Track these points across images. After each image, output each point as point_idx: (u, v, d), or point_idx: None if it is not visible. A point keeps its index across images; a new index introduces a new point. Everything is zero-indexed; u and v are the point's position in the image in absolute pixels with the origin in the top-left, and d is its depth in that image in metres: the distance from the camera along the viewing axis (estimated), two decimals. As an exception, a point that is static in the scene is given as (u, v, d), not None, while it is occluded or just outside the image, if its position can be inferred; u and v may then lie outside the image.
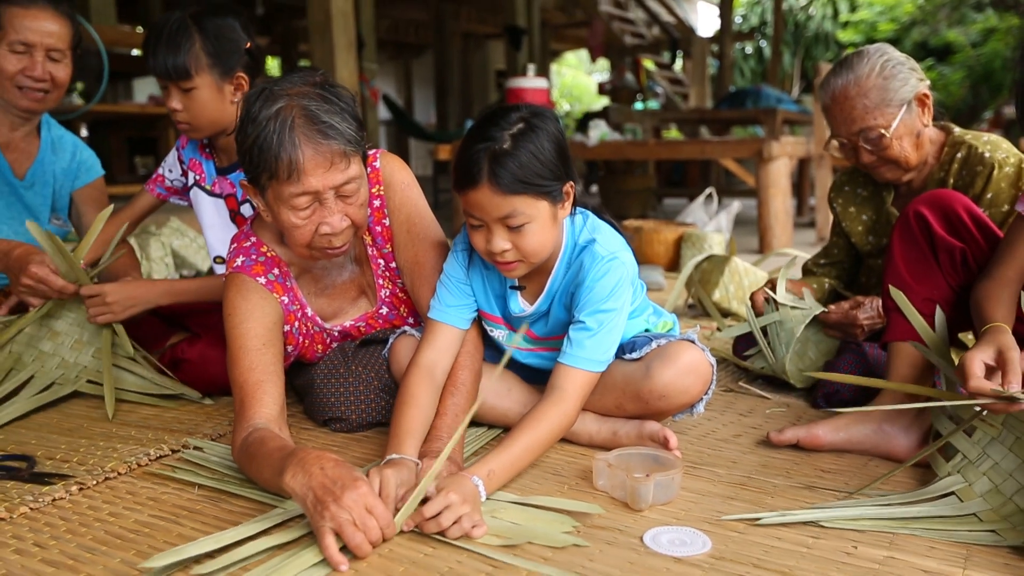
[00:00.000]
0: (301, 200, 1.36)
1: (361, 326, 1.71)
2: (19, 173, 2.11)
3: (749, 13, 17.90)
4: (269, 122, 1.32)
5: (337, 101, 1.37)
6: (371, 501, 1.12)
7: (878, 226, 1.91)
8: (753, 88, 9.00)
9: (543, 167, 1.31)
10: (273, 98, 1.34)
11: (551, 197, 1.35)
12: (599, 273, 1.40)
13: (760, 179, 4.50)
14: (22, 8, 1.93)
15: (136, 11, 8.69)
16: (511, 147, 1.30)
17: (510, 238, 1.34)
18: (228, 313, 1.49)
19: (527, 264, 1.39)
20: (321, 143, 1.33)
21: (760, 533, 1.19)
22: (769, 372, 1.91)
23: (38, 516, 1.30)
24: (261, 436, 1.30)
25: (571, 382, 1.39)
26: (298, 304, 1.61)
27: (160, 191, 2.11)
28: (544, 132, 1.32)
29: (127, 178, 6.32)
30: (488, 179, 1.29)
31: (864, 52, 1.72)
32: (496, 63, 14.27)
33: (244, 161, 1.38)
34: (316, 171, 1.34)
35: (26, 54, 1.95)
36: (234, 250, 1.57)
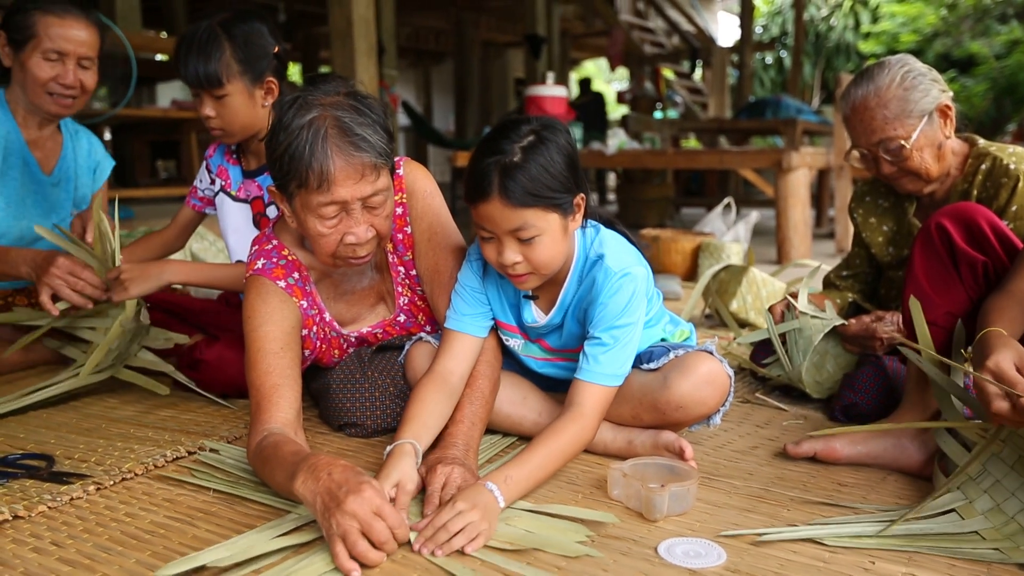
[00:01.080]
0: (329, 210, 1.37)
1: (378, 332, 1.72)
2: (46, 170, 2.17)
3: (770, 23, 17.84)
4: (302, 131, 1.33)
5: (369, 113, 1.38)
6: (378, 503, 1.11)
7: (899, 237, 1.89)
8: (773, 98, 8.97)
9: (553, 180, 1.31)
10: (306, 107, 1.35)
11: (562, 209, 1.35)
12: (612, 289, 1.40)
13: (779, 189, 4.48)
14: (56, 17, 1.99)
15: (161, 16, 8.80)
16: (521, 160, 1.30)
17: (521, 250, 1.35)
18: (247, 316, 1.50)
19: (539, 276, 1.40)
20: (353, 155, 1.33)
21: (776, 546, 1.18)
22: (785, 380, 1.90)
23: (56, 515, 1.31)
24: (275, 441, 1.30)
25: (588, 397, 1.38)
26: (317, 309, 1.62)
27: (195, 202, 2.15)
28: (554, 144, 1.32)
29: (149, 181, 6.39)
30: (498, 192, 1.29)
31: (885, 63, 1.71)
32: (515, 71, 14.31)
33: (274, 168, 1.39)
34: (346, 182, 1.34)
35: (58, 62, 2.01)
36: (255, 252, 1.58)
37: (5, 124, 2.08)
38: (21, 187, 2.12)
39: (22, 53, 2.00)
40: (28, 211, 2.14)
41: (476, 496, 1.19)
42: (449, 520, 1.16)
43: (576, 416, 1.37)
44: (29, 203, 2.14)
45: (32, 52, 1.99)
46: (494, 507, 1.20)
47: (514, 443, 1.61)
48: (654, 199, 6.82)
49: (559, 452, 1.33)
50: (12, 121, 2.10)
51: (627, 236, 1.52)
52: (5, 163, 2.08)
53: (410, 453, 1.31)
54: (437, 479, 1.29)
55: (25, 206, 2.14)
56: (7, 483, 1.42)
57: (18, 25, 1.99)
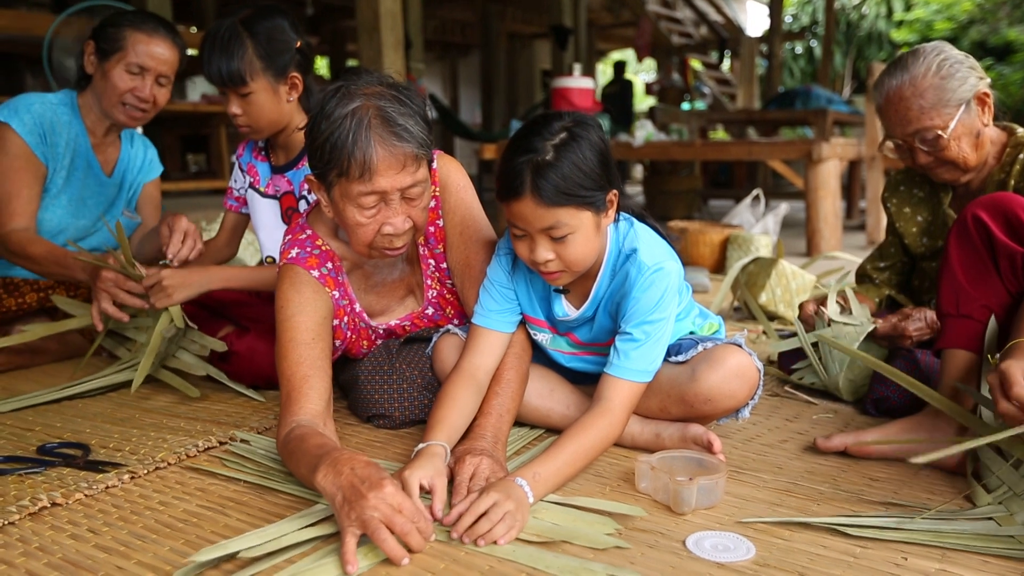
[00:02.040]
0: (368, 199, 1.37)
1: (406, 325, 1.72)
2: (107, 171, 2.27)
3: (800, 12, 17.61)
4: (344, 120, 1.33)
5: (410, 103, 1.38)
6: (398, 499, 1.11)
7: (934, 228, 1.86)
8: (803, 88, 8.85)
9: (586, 177, 1.30)
10: (349, 96, 1.35)
11: (594, 207, 1.34)
12: (645, 284, 1.39)
13: (809, 181, 4.43)
14: (145, 34, 2.09)
15: (191, 11, 8.89)
16: (553, 158, 1.29)
17: (553, 248, 1.34)
18: (280, 305, 1.51)
19: (571, 273, 1.39)
20: (395, 145, 1.34)
21: (806, 540, 1.17)
22: (820, 387, 1.88)
23: (92, 503, 1.34)
24: (303, 433, 1.31)
25: (617, 393, 1.38)
26: (348, 299, 1.63)
27: (232, 203, 2.18)
28: (587, 141, 1.31)
29: (179, 175, 6.47)
30: (531, 191, 1.29)
31: (920, 51, 1.67)
32: (542, 63, 14.27)
33: (314, 156, 1.40)
34: (387, 172, 1.35)
35: (139, 76, 2.10)
36: (289, 241, 1.59)
37: (75, 128, 2.18)
38: (83, 187, 2.21)
39: (107, 63, 2.08)
40: (88, 210, 2.24)
41: (508, 489, 1.20)
42: (489, 509, 1.16)
43: (604, 411, 1.36)
44: (90, 203, 2.24)
45: (116, 63, 2.07)
46: (525, 502, 1.20)
47: (541, 435, 1.61)
48: (681, 191, 6.77)
49: (587, 448, 1.33)
50: (82, 125, 2.19)
51: (658, 229, 1.51)
52: (72, 165, 2.17)
53: (439, 455, 1.31)
54: (465, 469, 1.29)
55: (86, 205, 2.23)
56: (45, 471, 1.46)
57: (109, 37, 2.08)
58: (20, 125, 2.06)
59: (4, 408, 1.81)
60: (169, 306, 1.86)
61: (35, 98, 2.13)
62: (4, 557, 1.15)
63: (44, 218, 2.15)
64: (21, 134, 2.06)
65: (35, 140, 2.08)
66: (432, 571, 1.09)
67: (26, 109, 2.09)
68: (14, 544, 1.19)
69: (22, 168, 2.06)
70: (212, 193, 5.92)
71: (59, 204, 2.17)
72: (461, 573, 1.08)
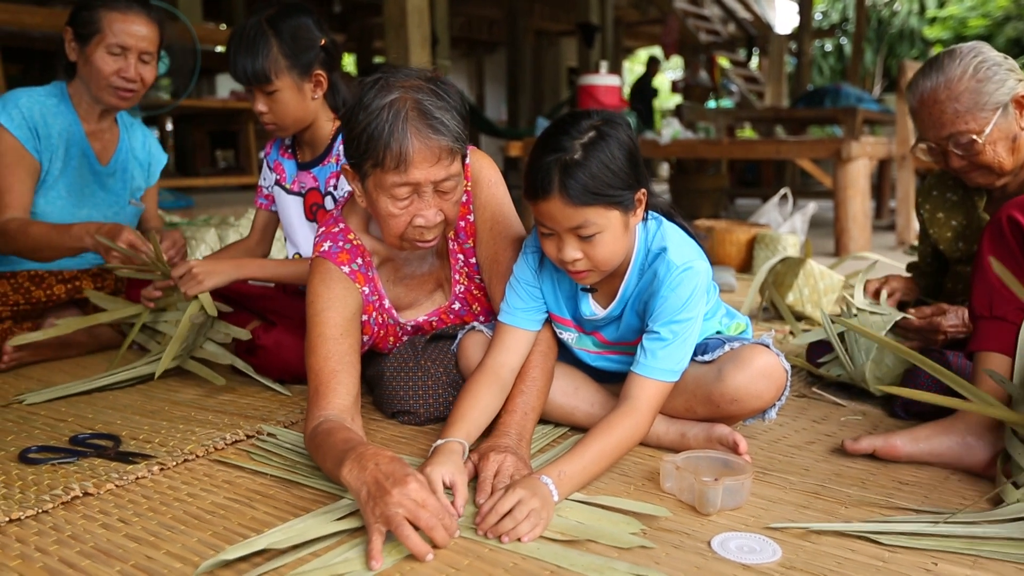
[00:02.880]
0: (402, 191, 1.38)
1: (433, 321, 1.73)
2: (103, 161, 2.26)
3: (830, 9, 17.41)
4: (382, 111, 1.34)
5: (448, 98, 1.39)
6: (422, 495, 1.11)
7: (968, 232, 1.83)
8: (832, 86, 8.75)
9: (614, 177, 1.30)
10: (388, 88, 1.37)
11: (622, 206, 1.33)
12: (673, 283, 1.38)
13: (838, 180, 4.37)
14: (120, 13, 2.08)
15: (220, 9, 8.98)
16: (582, 157, 1.28)
17: (581, 247, 1.34)
18: (310, 300, 1.53)
19: (599, 272, 1.39)
20: (431, 137, 1.35)
21: (833, 544, 1.16)
22: (847, 379, 1.86)
23: (123, 493, 1.36)
24: (329, 427, 1.32)
25: (644, 392, 1.37)
26: (377, 295, 1.64)
27: (262, 201, 2.20)
28: (615, 140, 1.31)
29: (208, 170, 6.54)
30: (559, 190, 1.29)
31: (956, 52, 1.64)
32: (568, 60, 14.24)
33: (350, 146, 1.41)
34: (422, 164, 1.36)
35: (121, 56, 2.10)
36: (322, 234, 1.60)
37: (67, 117, 2.18)
38: (79, 177, 2.22)
39: (87, 47, 2.09)
40: (87, 200, 2.24)
41: (533, 487, 1.20)
42: (514, 507, 1.16)
43: (630, 410, 1.36)
44: (88, 192, 2.24)
45: (96, 47, 2.08)
46: (550, 500, 1.20)
47: (565, 433, 1.61)
48: (708, 189, 6.72)
49: (613, 447, 1.33)
50: (74, 114, 2.20)
51: (686, 228, 1.50)
52: (67, 154, 2.18)
53: (457, 451, 1.31)
54: (490, 466, 1.30)
55: (84, 195, 2.23)
56: (77, 461, 1.48)
57: (84, 20, 2.08)
58: (9, 121, 2.08)
59: (37, 399, 1.84)
60: (199, 294, 1.88)
61: (23, 93, 2.14)
62: (39, 545, 1.17)
63: (45, 211, 2.15)
64: (11, 130, 2.07)
65: (25, 135, 2.09)
66: (456, 567, 1.09)
67: (14, 105, 2.10)
68: (48, 532, 1.21)
69: (14, 163, 2.08)
70: (240, 189, 5.98)
71: (57, 194, 2.17)
72: (485, 570, 1.09)
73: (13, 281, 2.18)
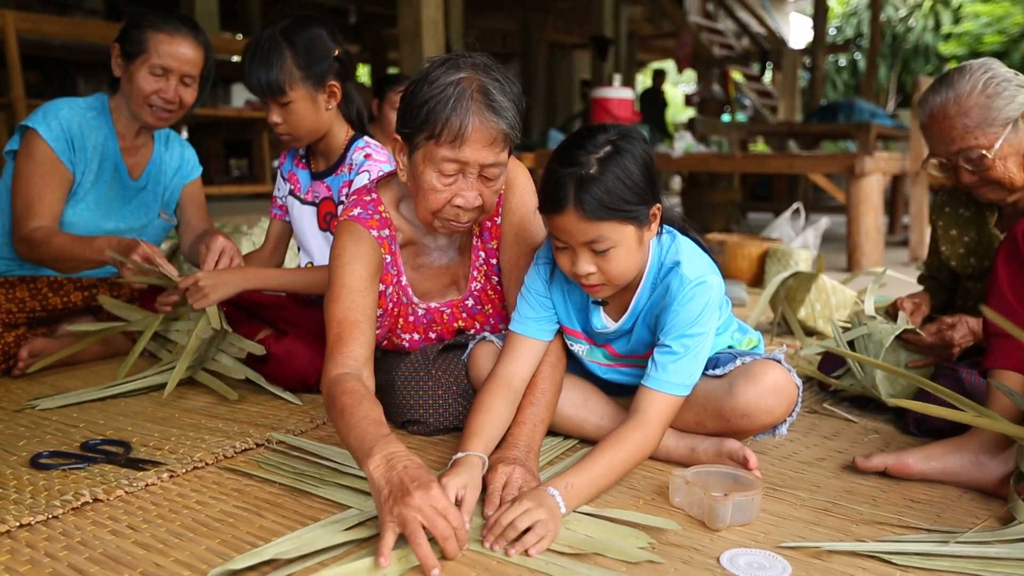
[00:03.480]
0: (450, 167, 1.40)
1: (445, 312, 1.72)
2: (135, 175, 2.28)
3: (844, 24, 17.39)
4: (448, 87, 1.37)
5: (511, 90, 1.42)
6: (443, 504, 1.11)
7: (980, 248, 1.82)
8: (846, 101, 8.73)
9: (630, 192, 1.30)
10: (457, 68, 1.40)
11: (637, 221, 1.33)
12: (686, 298, 1.38)
13: (851, 195, 4.36)
14: (167, 35, 2.09)
15: (236, 19, 9.06)
16: (597, 172, 1.29)
17: (595, 261, 1.34)
18: (336, 254, 1.54)
19: (612, 286, 1.39)
20: (489, 119, 1.38)
21: (843, 562, 1.15)
22: (859, 390, 1.84)
23: (132, 500, 1.36)
24: (356, 392, 1.29)
25: (654, 405, 1.37)
26: (396, 269, 1.65)
27: (276, 211, 2.21)
28: (631, 155, 1.31)
29: (223, 179, 6.59)
30: (574, 205, 1.29)
31: (966, 68, 1.64)
32: (581, 73, 14.28)
33: (408, 116, 1.43)
34: (476, 144, 1.38)
35: (163, 77, 2.11)
36: (353, 201, 1.61)
37: (104, 131, 2.20)
38: (110, 191, 2.23)
39: (132, 65, 2.11)
40: (115, 213, 2.26)
41: (540, 498, 1.19)
42: (517, 517, 1.16)
43: (640, 424, 1.35)
44: (116, 205, 2.25)
45: (140, 66, 2.09)
46: (557, 512, 1.20)
47: (575, 446, 1.61)
48: (720, 203, 6.71)
49: (622, 461, 1.32)
50: (112, 128, 2.22)
51: (700, 243, 1.50)
52: (100, 168, 2.20)
53: (477, 465, 1.31)
54: (498, 478, 1.29)
55: (113, 208, 2.25)
56: (88, 467, 1.49)
57: (132, 39, 2.10)
58: (47, 131, 2.09)
59: (50, 405, 1.85)
60: (206, 307, 1.89)
61: (64, 104, 2.15)
62: (48, 550, 1.18)
63: (72, 222, 2.16)
64: (48, 140, 2.09)
65: (61, 146, 2.10)
66: (464, 579, 1.09)
67: (54, 116, 2.11)
68: (57, 538, 1.22)
69: (47, 173, 2.09)
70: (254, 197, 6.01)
71: (86, 206, 2.18)
72: (493, 582, 1.08)
73: (32, 287, 2.20)
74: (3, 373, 2.14)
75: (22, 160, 2.10)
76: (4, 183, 2.21)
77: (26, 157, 2.09)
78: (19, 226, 2.07)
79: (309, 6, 10.47)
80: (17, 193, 2.09)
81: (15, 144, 2.14)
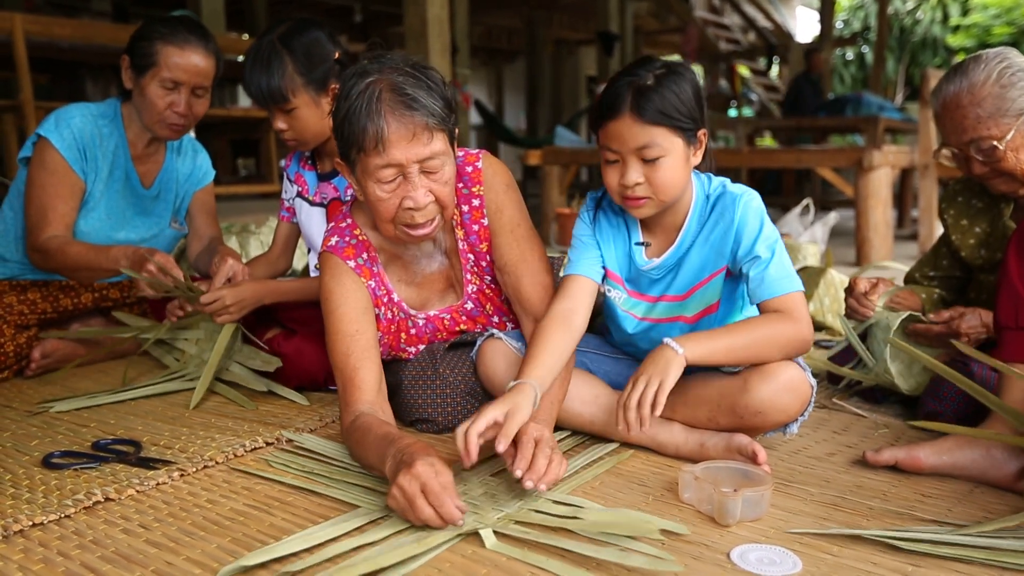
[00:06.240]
0: (386, 172, 1.40)
1: (446, 318, 1.73)
2: (147, 184, 2.27)
3: (851, 17, 17.30)
4: (359, 96, 1.37)
5: (424, 79, 1.41)
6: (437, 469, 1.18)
7: (992, 240, 1.80)
8: (854, 95, 8.69)
9: (682, 105, 1.39)
10: (364, 74, 1.40)
11: (687, 136, 1.41)
12: (746, 209, 1.46)
13: (859, 189, 4.34)
14: (177, 47, 2.07)
15: (243, 19, 9.08)
16: (654, 84, 1.38)
17: (644, 172, 1.40)
18: (324, 297, 1.56)
19: (656, 202, 1.44)
20: (404, 115, 1.37)
21: (855, 556, 1.14)
22: (873, 380, 1.82)
23: (143, 499, 1.37)
24: (367, 423, 1.38)
25: (784, 304, 1.42)
26: (384, 290, 1.65)
27: (284, 214, 2.21)
28: (685, 78, 1.41)
29: (230, 179, 6.60)
30: (630, 109, 1.37)
31: (982, 57, 1.63)
32: (587, 69, 14.24)
33: (336, 137, 1.44)
34: (399, 143, 1.37)
35: (174, 90, 2.10)
36: (331, 229, 1.63)
37: (115, 139, 2.19)
38: (121, 199, 2.23)
39: (142, 79, 2.09)
40: (128, 222, 2.26)
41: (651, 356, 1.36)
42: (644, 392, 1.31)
43: (785, 318, 1.41)
44: (129, 214, 2.25)
45: (151, 79, 2.08)
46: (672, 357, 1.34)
47: (584, 442, 1.60)
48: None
49: (766, 337, 1.40)
50: (123, 136, 2.20)
51: None
52: (111, 176, 2.19)
53: (530, 394, 1.34)
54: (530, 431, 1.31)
55: (125, 217, 2.25)
56: (99, 466, 1.50)
57: (142, 52, 2.08)
58: (59, 140, 2.08)
59: (65, 407, 1.86)
60: (229, 323, 1.92)
61: (76, 111, 2.14)
62: (61, 549, 1.19)
63: (83, 230, 2.16)
64: (60, 149, 2.08)
65: (73, 155, 2.10)
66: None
67: (66, 124, 2.10)
68: (70, 537, 1.23)
69: (59, 183, 2.09)
70: (261, 197, 6.02)
71: (98, 216, 2.18)
72: (503, 579, 1.08)
73: (45, 290, 2.21)
74: (16, 374, 2.15)
75: (35, 169, 2.10)
76: (16, 188, 2.22)
77: (39, 166, 2.10)
78: (33, 236, 2.08)
79: (314, 5, 10.48)
80: (31, 203, 2.10)
81: (28, 151, 2.14)
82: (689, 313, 1.56)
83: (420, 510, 1.15)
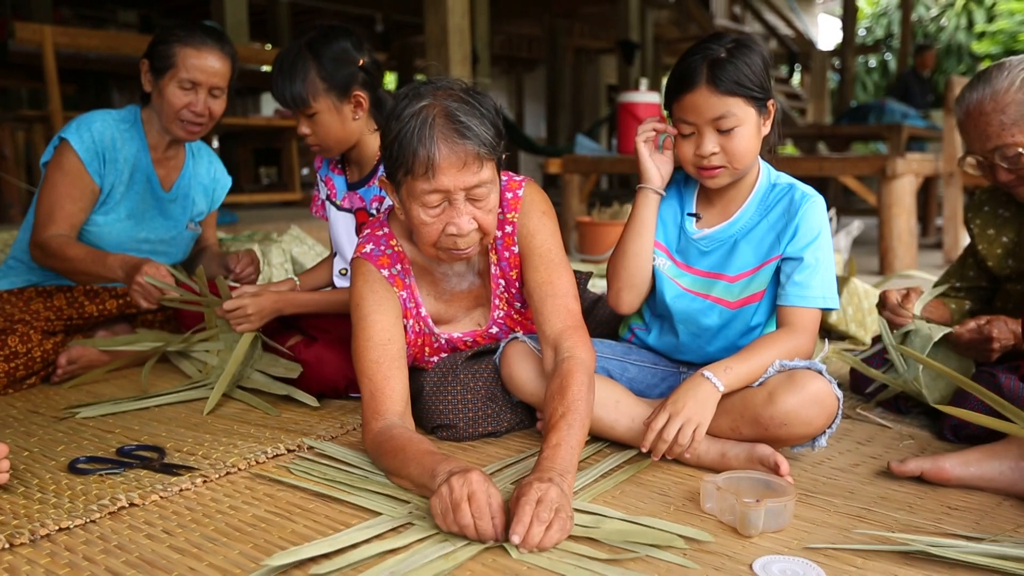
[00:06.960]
0: (432, 198, 1.40)
1: (468, 341, 1.73)
2: (166, 187, 2.33)
3: (874, 25, 17.17)
4: (411, 119, 1.37)
5: (478, 106, 1.41)
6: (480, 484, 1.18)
7: (1019, 249, 1.78)
8: (876, 103, 8.61)
9: (755, 75, 1.45)
10: (419, 97, 1.40)
11: (759, 106, 1.47)
12: (809, 209, 1.51)
13: (882, 197, 4.30)
14: (194, 49, 2.13)
15: (266, 29, 9.18)
16: (727, 56, 1.44)
17: (719, 141, 1.46)
18: (355, 303, 1.55)
19: (731, 171, 1.49)
20: (457, 142, 1.37)
21: (879, 569, 1.13)
22: (900, 387, 1.79)
23: (167, 504, 1.38)
24: (403, 436, 1.38)
25: (801, 318, 1.48)
26: (414, 302, 1.65)
27: (321, 213, 2.22)
28: (755, 52, 1.47)
29: (252, 187, 6.67)
30: (706, 81, 1.44)
31: (1005, 64, 1.61)
32: (608, 78, 14.24)
33: (385, 156, 1.44)
34: (449, 170, 1.37)
35: (192, 91, 2.15)
36: (366, 236, 1.63)
37: (136, 143, 2.24)
38: (141, 202, 2.28)
39: (161, 80, 2.15)
40: (146, 224, 2.30)
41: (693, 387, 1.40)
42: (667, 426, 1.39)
43: (791, 334, 1.47)
44: (148, 216, 2.30)
45: (170, 81, 2.13)
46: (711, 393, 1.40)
47: (602, 449, 1.60)
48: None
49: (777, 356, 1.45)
50: (144, 141, 2.26)
51: None
52: (131, 179, 2.24)
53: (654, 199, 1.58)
54: (532, 492, 1.19)
55: (144, 219, 2.29)
56: (124, 472, 1.51)
57: (160, 55, 2.13)
58: (79, 143, 2.13)
59: (90, 413, 1.88)
60: (248, 331, 1.94)
61: (98, 116, 2.19)
62: (86, 554, 1.20)
63: (104, 230, 2.20)
64: (78, 151, 2.12)
65: (91, 158, 2.14)
66: (494, 585, 1.09)
67: (87, 128, 2.15)
68: (95, 541, 1.24)
69: (72, 184, 2.13)
70: (283, 205, 6.08)
71: (118, 216, 2.22)
72: (523, 588, 1.08)
73: (69, 295, 2.24)
74: (42, 380, 2.18)
75: (52, 169, 2.15)
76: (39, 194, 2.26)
77: (56, 166, 2.15)
78: (37, 231, 2.12)
79: (337, 15, 10.57)
80: (42, 199, 2.14)
81: (49, 155, 2.19)
82: (733, 299, 1.58)
83: (462, 515, 1.15)
